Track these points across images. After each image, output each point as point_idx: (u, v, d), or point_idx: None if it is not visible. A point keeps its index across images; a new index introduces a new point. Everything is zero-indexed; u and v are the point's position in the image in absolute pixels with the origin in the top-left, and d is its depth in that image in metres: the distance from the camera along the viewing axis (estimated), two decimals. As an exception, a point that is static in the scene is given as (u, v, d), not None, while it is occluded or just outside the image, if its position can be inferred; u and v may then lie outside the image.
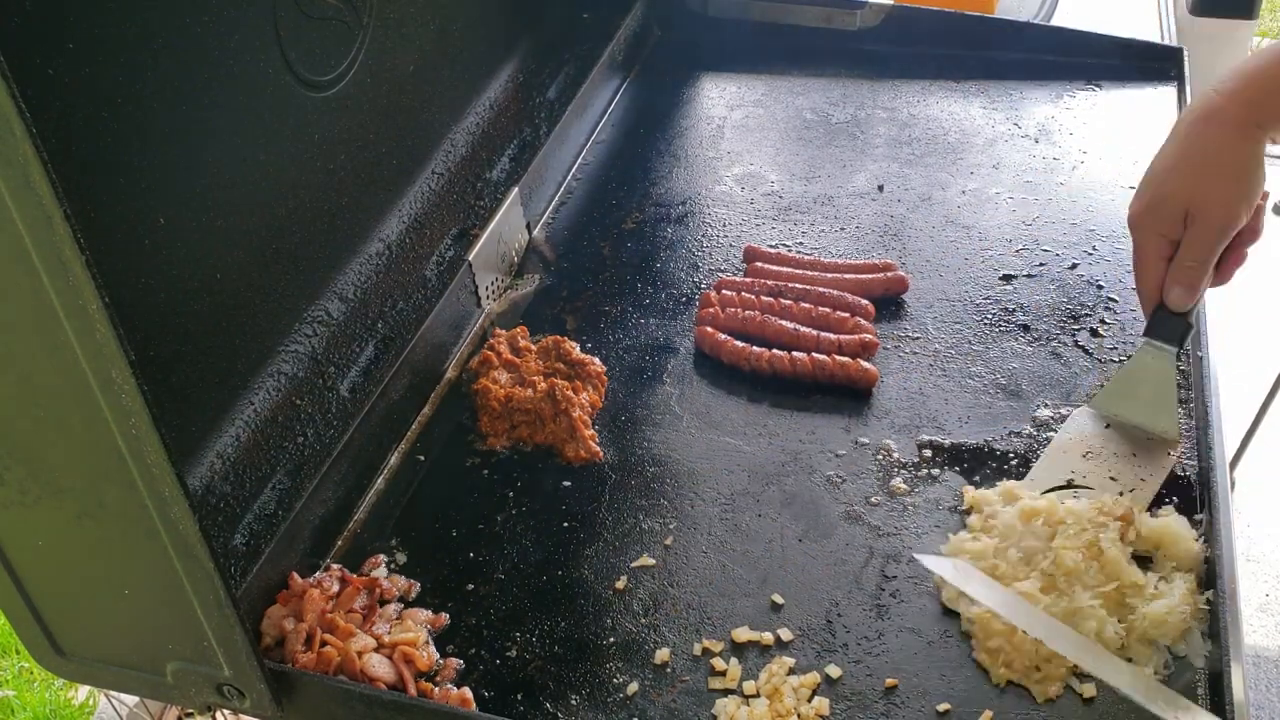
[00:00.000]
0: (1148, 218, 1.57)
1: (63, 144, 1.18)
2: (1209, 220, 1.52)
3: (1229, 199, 1.52)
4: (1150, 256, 1.59)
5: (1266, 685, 3.26)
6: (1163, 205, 1.55)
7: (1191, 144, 1.54)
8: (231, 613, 1.23)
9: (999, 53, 2.58)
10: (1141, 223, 1.59)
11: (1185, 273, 1.56)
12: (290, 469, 1.58)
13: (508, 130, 2.22)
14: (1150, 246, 1.58)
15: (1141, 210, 1.58)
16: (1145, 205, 1.58)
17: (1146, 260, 1.60)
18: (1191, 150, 1.54)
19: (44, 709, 3.09)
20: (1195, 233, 1.53)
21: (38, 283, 0.96)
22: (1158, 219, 1.56)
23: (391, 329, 1.81)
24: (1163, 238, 1.57)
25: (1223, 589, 1.41)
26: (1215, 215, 1.52)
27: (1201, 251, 1.54)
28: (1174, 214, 1.54)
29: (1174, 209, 1.54)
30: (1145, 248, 1.59)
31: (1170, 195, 1.54)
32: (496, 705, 1.44)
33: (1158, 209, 1.56)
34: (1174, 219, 1.54)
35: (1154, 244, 1.58)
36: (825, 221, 2.21)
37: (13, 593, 1.31)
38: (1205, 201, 1.52)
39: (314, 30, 1.57)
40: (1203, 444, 1.64)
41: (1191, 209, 1.52)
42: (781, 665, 1.45)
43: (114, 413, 1.05)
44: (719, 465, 1.74)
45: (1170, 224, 1.55)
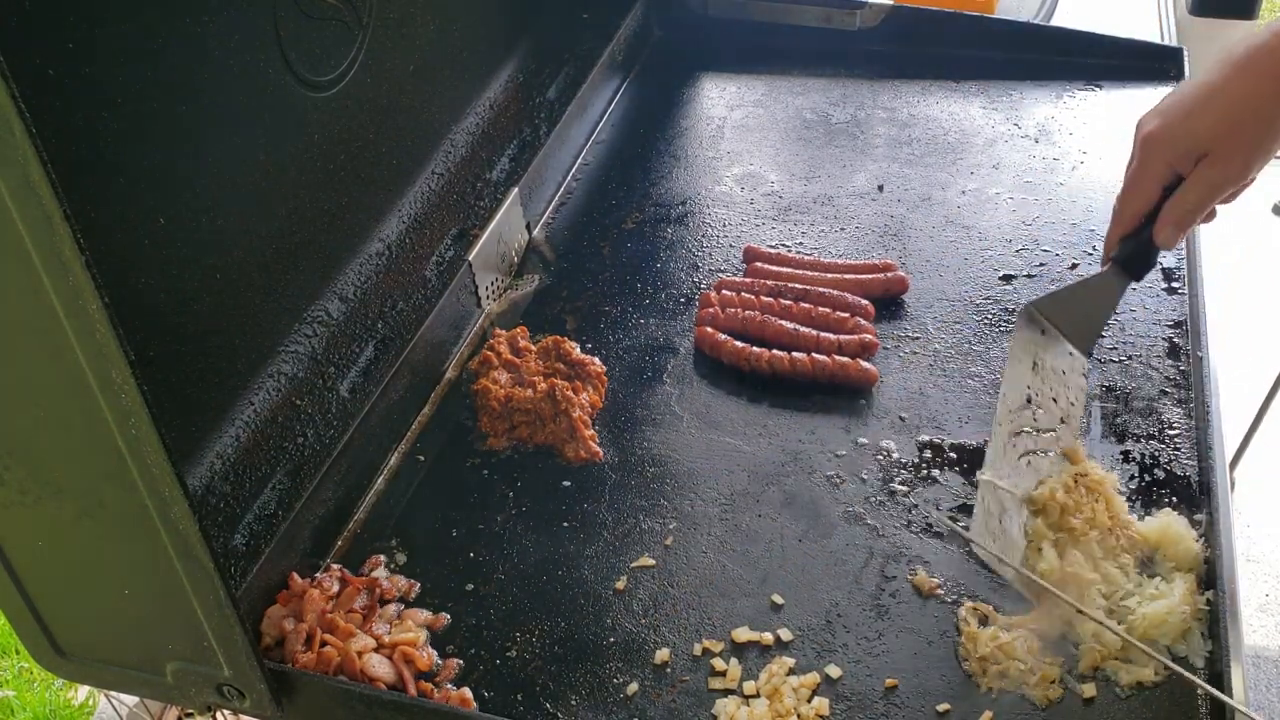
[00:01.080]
0: (1164, 144, 1.49)
1: (63, 144, 1.18)
2: (1227, 171, 1.46)
3: (1252, 156, 1.46)
4: (1151, 181, 1.51)
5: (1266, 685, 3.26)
6: (1185, 138, 1.47)
7: (1232, 84, 1.44)
8: (231, 613, 1.23)
9: (999, 53, 2.58)
10: (1156, 146, 1.50)
11: (1186, 213, 1.50)
12: (290, 469, 1.58)
13: (508, 130, 2.22)
14: (1155, 171, 1.51)
15: (1161, 134, 1.49)
16: (1167, 131, 1.49)
17: (1146, 184, 1.52)
18: (1231, 91, 1.44)
19: (44, 709, 3.09)
20: (1208, 176, 1.46)
21: (38, 283, 0.96)
22: (1174, 149, 1.48)
23: (391, 329, 1.81)
24: (1170, 168, 1.49)
25: (1223, 589, 1.41)
26: (1234, 168, 1.46)
27: (1208, 196, 1.48)
28: (1193, 150, 1.47)
29: (1195, 146, 1.46)
30: (1150, 171, 1.51)
31: (1196, 131, 1.46)
32: (496, 705, 1.44)
33: (1178, 139, 1.47)
34: (1191, 155, 1.47)
35: (1159, 171, 1.50)
36: (825, 221, 2.21)
37: (13, 593, 1.31)
38: (1230, 151, 1.45)
39: (314, 30, 1.57)
40: (1203, 444, 1.64)
41: (1213, 153, 1.45)
42: (781, 665, 1.45)
43: (114, 413, 1.05)
44: (719, 465, 1.74)
45: (1186, 158, 1.47)
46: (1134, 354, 1.84)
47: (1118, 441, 1.70)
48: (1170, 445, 1.68)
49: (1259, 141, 1.45)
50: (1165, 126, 1.49)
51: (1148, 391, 1.77)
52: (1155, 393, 1.77)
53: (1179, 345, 1.84)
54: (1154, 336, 1.87)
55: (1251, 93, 1.43)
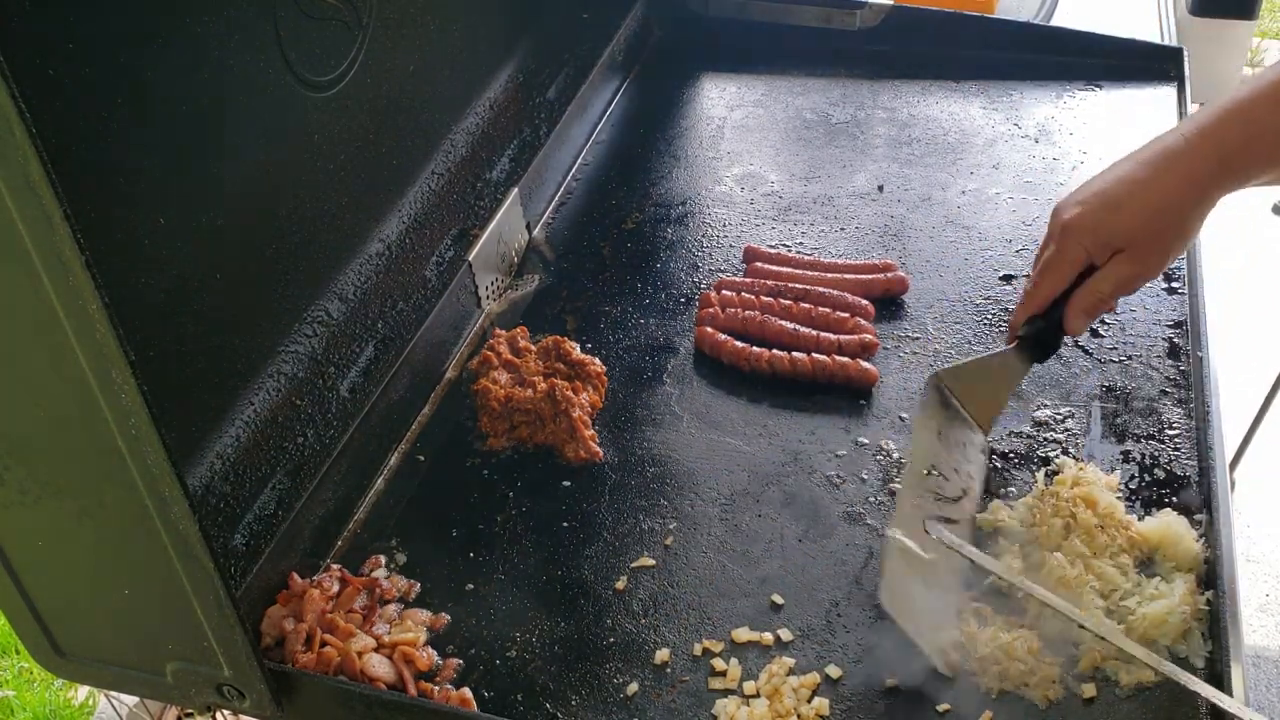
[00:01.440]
0: (1084, 234, 1.51)
1: (63, 144, 1.18)
2: (1142, 267, 1.51)
3: (1167, 256, 1.51)
4: (1067, 267, 1.54)
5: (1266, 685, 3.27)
6: (1105, 231, 1.50)
7: (1153, 184, 1.48)
8: (231, 613, 1.23)
9: (999, 53, 2.58)
10: (1076, 234, 1.52)
11: (1097, 302, 1.54)
12: (290, 469, 1.58)
13: (508, 130, 2.22)
14: (1072, 258, 1.53)
15: (1081, 223, 1.52)
16: (1088, 222, 1.52)
17: (1061, 269, 1.54)
18: (1152, 190, 1.48)
19: (44, 709, 3.09)
20: (1122, 270, 1.50)
21: (38, 283, 0.96)
22: (1094, 239, 1.51)
23: (391, 329, 1.81)
24: (1087, 257, 1.52)
25: (1223, 589, 1.41)
26: (1150, 265, 1.51)
27: (1120, 288, 1.53)
28: (1111, 244, 1.50)
29: (1113, 239, 1.50)
30: (1066, 257, 1.53)
31: (1116, 226, 1.50)
32: (496, 705, 1.44)
33: (1098, 231, 1.50)
34: (1109, 247, 1.50)
35: (1076, 258, 1.53)
36: (825, 221, 2.21)
37: (13, 593, 1.31)
38: (1146, 250, 1.50)
39: (314, 30, 1.57)
40: (1203, 444, 1.64)
41: (1131, 249, 1.49)
42: (781, 665, 1.45)
43: (114, 413, 1.05)
44: (719, 465, 1.74)
45: (1104, 250, 1.51)
46: (1134, 354, 1.84)
47: (1118, 441, 1.70)
48: (1170, 445, 1.68)
49: (1173, 242, 1.50)
50: (1086, 217, 1.52)
51: (1148, 391, 1.77)
52: (1155, 393, 1.77)
53: (1179, 345, 1.85)
54: (1154, 336, 1.87)
55: (1171, 193, 1.47)
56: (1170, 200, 1.47)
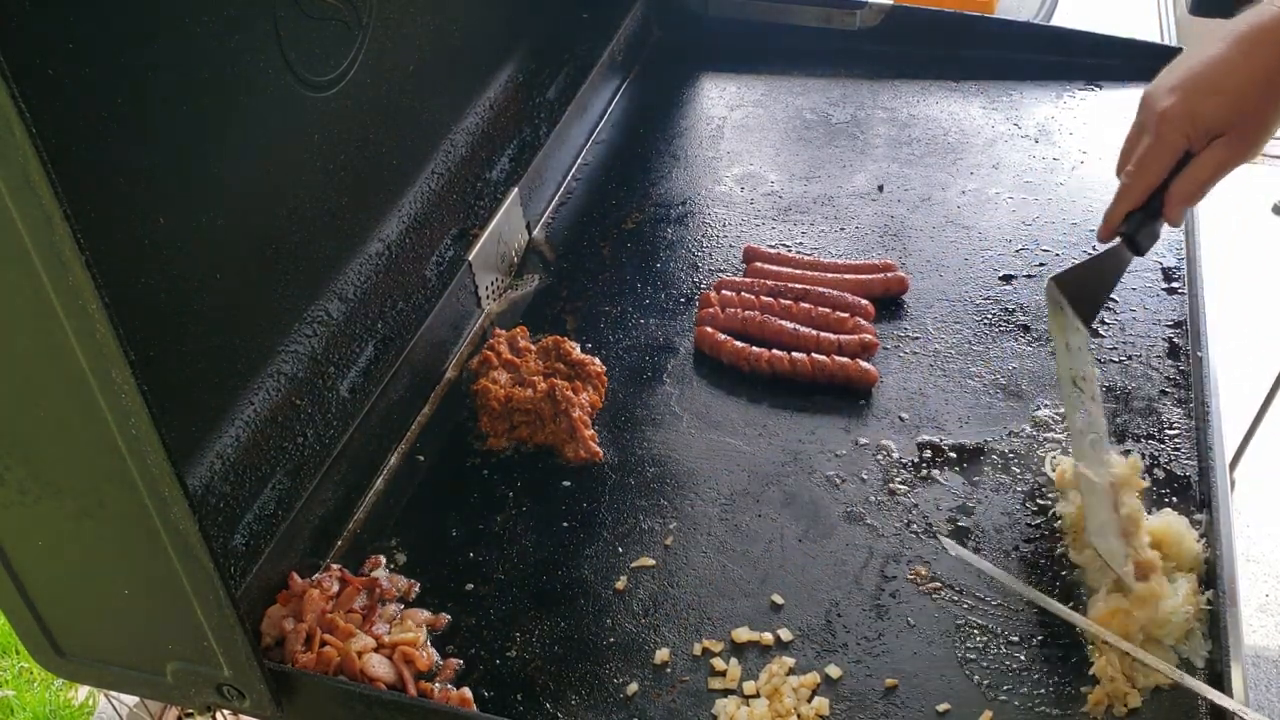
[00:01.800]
0: (1184, 121, 1.46)
1: (63, 144, 1.18)
2: (1242, 149, 1.46)
3: (1265, 135, 1.46)
4: (1168, 157, 1.49)
5: (1266, 685, 3.26)
6: (1205, 117, 1.45)
7: (1246, 61, 1.43)
8: (231, 613, 1.23)
9: (999, 53, 2.58)
10: (1176, 123, 1.46)
11: (1197, 190, 1.49)
12: (290, 469, 1.58)
13: (508, 130, 2.22)
14: (1172, 147, 1.48)
15: (1180, 111, 1.46)
16: (1187, 108, 1.45)
17: (1162, 159, 1.49)
18: (1245, 69, 1.43)
19: (44, 709, 3.08)
20: (1220, 156, 1.46)
21: (38, 283, 0.96)
22: (1194, 127, 1.45)
23: (391, 329, 1.81)
24: (1187, 145, 1.47)
25: (1223, 589, 1.41)
26: (1248, 146, 1.46)
27: (1219, 174, 1.47)
28: (1212, 129, 1.45)
29: (1214, 125, 1.45)
30: (1166, 148, 1.48)
31: (1217, 111, 1.44)
32: (496, 705, 1.44)
33: (1197, 118, 1.45)
34: (1209, 134, 1.45)
35: (1177, 147, 1.48)
36: (825, 221, 2.21)
37: (13, 593, 1.31)
38: (1246, 131, 1.45)
39: (314, 30, 1.57)
40: (1203, 444, 1.64)
41: (1230, 133, 1.44)
42: (781, 665, 1.45)
43: (114, 413, 1.05)
44: (719, 465, 1.74)
45: (1203, 137, 1.46)
46: (1134, 354, 1.84)
47: (1118, 441, 1.70)
48: (1170, 445, 1.68)
49: (1272, 120, 1.44)
50: (1184, 104, 1.46)
51: (1148, 391, 1.77)
52: (1155, 393, 1.77)
53: (1179, 345, 1.84)
54: (1154, 336, 1.87)
55: (1270, 69, 1.42)
56: (1270, 75, 1.41)
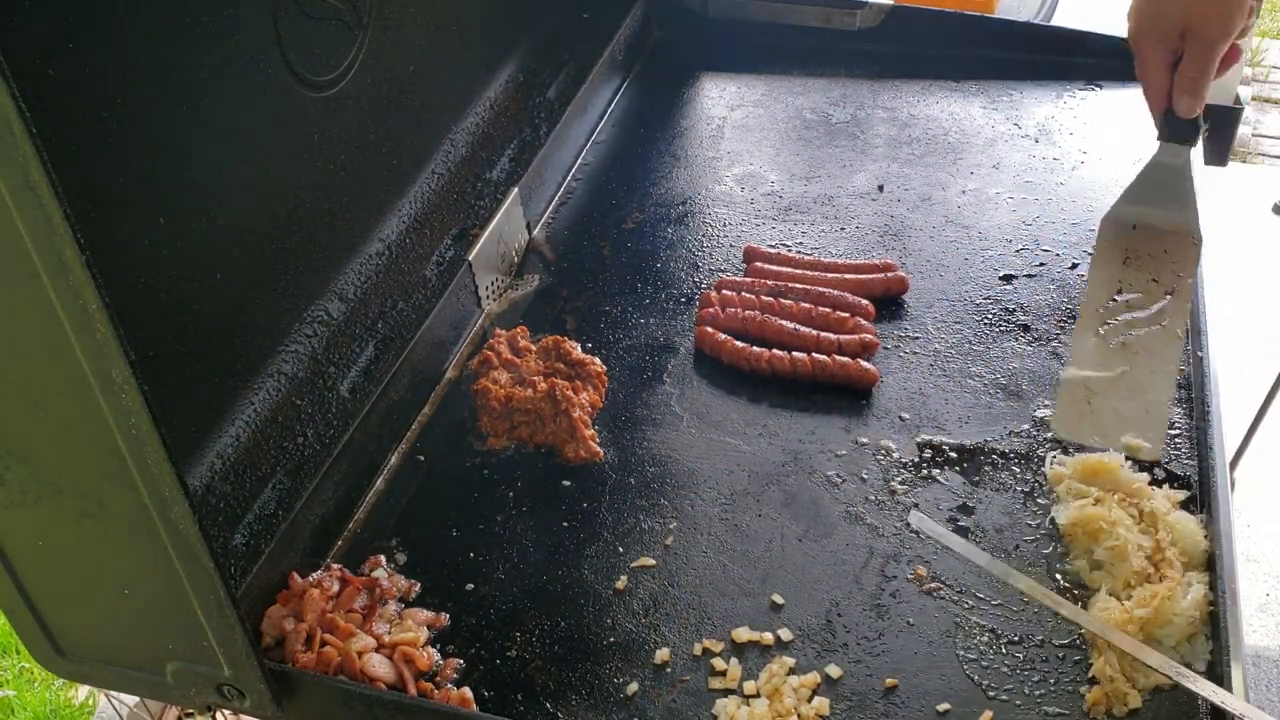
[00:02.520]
0: (1148, 33, 1.63)
1: (63, 144, 1.18)
2: (1207, 36, 1.59)
3: (1223, 15, 1.58)
4: (1154, 67, 1.65)
5: (1266, 685, 3.26)
6: (1161, 20, 1.61)
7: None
8: (231, 613, 1.23)
9: (999, 53, 2.58)
10: (1142, 38, 1.64)
11: (1190, 83, 1.63)
12: (290, 469, 1.58)
13: (508, 130, 2.22)
14: (1153, 58, 1.64)
15: (1140, 26, 1.64)
16: (1143, 24, 1.64)
17: (1151, 71, 1.65)
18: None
19: (44, 709, 3.08)
20: (1195, 46, 1.60)
21: (38, 283, 0.96)
22: (1159, 33, 1.62)
23: (391, 329, 1.81)
24: (1163, 49, 1.63)
25: (1223, 589, 1.41)
26: (1212, 29, 1.59)
27: (1203, 62, 1.61)
28: (1172, 29, 1.60)
29: (1172, 24, 1.60)
30: (1149, 60, 1.65)
31: (1167, 11, 1.60)
32: (496, 705, 1.44)
33: (1157, 24, 1.62)
34: (1173, 33, 1.61)
35: (1156, 55, 1.64)
36: (825, 221, 2.21)
37: (13, 593, 1.31)
38: (1202, 20, 1.58)
39: (314, 30, 1.57)
40: (1203, 444, 1.64)
41: (1189, 25, 1.59)
42: (781, 665, 1.45)
43: (114, 413, 1.05)
44: (719, 465, 1.74)
45: (1170, 37, 1.61)
46: (1134, 354, 1.84)
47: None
48: (1170, 445, 1.68)
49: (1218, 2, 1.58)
50: (1143, 18, 1.64)
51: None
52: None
53: (1179, 345, 1.84)
54: (1154, 336, 1.87)
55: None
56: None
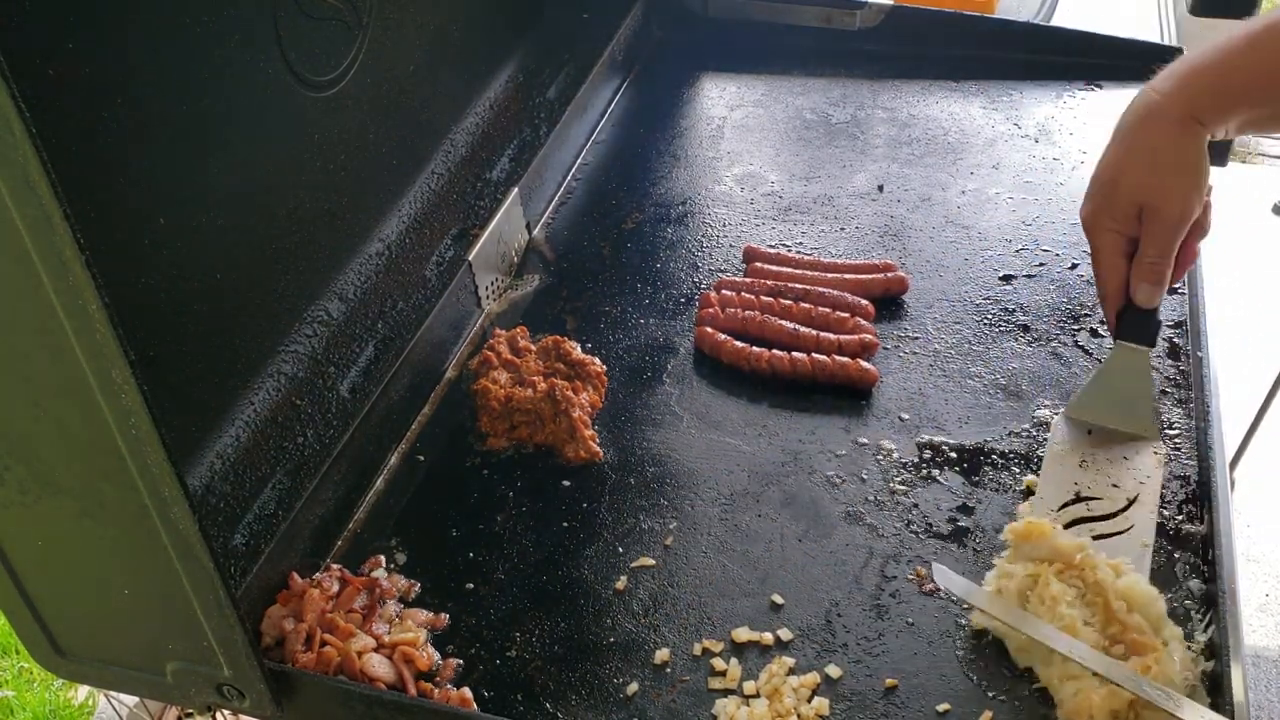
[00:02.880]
0: (1103, 217, 1.58)
1: (63, 144, 1.18)
2: (1167, 215, 1.53)
3: (1182, 193, 1.52)
4: (1110, 256, 1.59)
5: (1266, 685, 3.27)
6: (1116, 204, 1.56)
7: (1137, 142, 1.55)
8: (231, 613, 1.23)
9: (999, 53, 2.58)
10: (1097, 223, 1.59)
11: (1150, 269, 1.56)
12: (290, 469, 1.58)
13: (508, 130, 2.22)
14: (1108, 246, 1.59)
15: (1095, 211, 1.59)
16: (1098, 205, 1.59)
17: (1106, 259, 1.60)
18: (1138, 147, 1.55)
19: (44, 709, 3.09)
20: (1154, 228, 1.54)
21: (38, 283, 0.96)
22: (1113, 218, 1.57)
23: (391, 329, 1.81)
24: (1119, 236, 1.57)
25: (1223, 589, 1.41)
26: (1172, 209, 1.53)
27: (1162, 246, 1.55)
28: (1128, 211, 1.55)
29: (1128, 207, 1.55)
30: (1104, 248, 1.60)
31: (1123, 194, 1.55)
32: (496, 705, 1.44)
33: (1111, 208, 1.56)
34: (1129, 216, 1.55)
35: (1112, 242, 1.58)
36: (825, 221, 2.21)
37: (13, 593, 1.31)
38: (1160, 197, 1.53)
39: (314, 30, 1.57)
40: (1203, 444, 1.64)
41: (1146, 206, 1.53)
42: (781, 665, 1.45)
43: (114, 413, 1.05)
44: (719, 465, 1.74)
45: (1126, 221, 1.56)
46: (1134, 354, 1.84)
47: (1118, 441, 1.70)
48: (1170, 445, 1.68)
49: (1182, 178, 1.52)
50: (1096, 202, 1.59)
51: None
52: (1155, 393, 1.77)
53: (1179, 345, 1.84)
54: (1154, 336, 1.87)
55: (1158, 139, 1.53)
56: (1156, 147, 1.53)
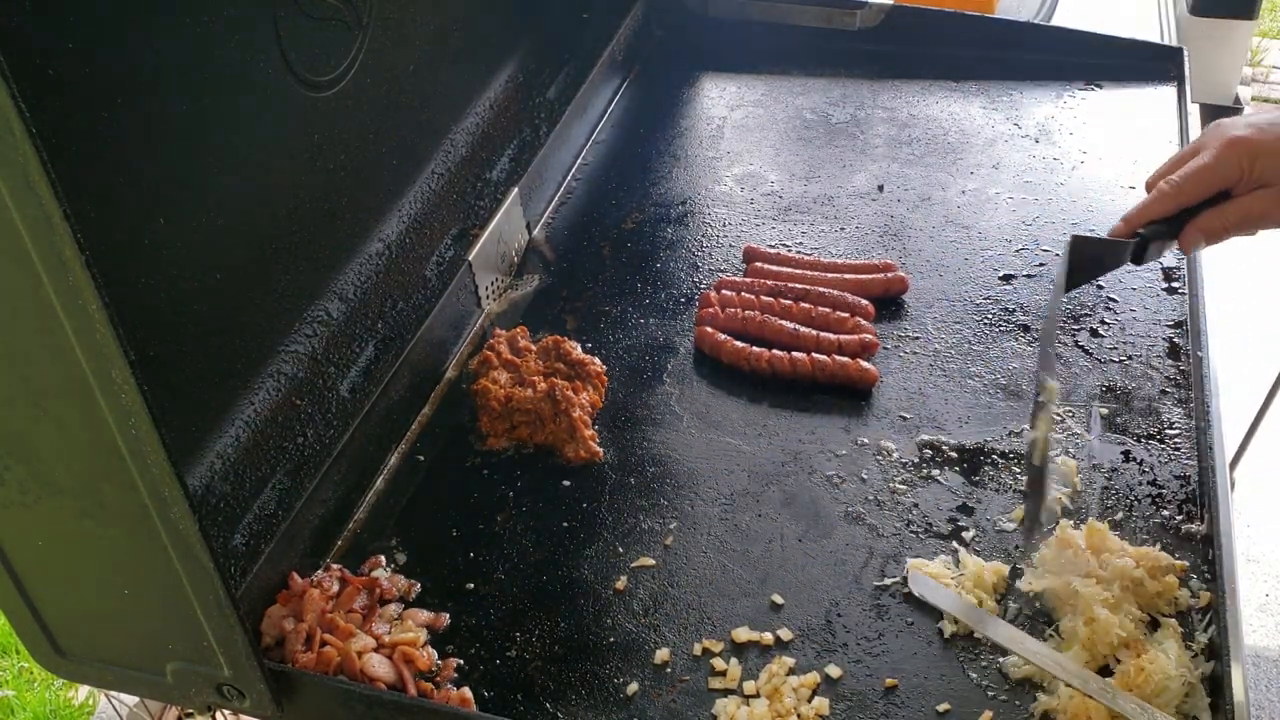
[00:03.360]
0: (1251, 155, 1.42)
1: (63, 144, 1.18)
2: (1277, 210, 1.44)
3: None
4: (1219, 180, 1.45)
5: (1266, 685, 3.27)
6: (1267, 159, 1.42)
7: None
8: (231, 613, 1.23)
9: (998, 53, 2.58)
10: (1243, 152, 1.43)
11: (1221, 228, 1.45)
12: (290, 469, 1.58)
13: (508, 130, 2.22)
14: (1227, 174, 1.44)
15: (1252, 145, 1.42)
16: (1258, 147, 1.42)
17: (1212, 180, 1.45)
18: None
19: (44, 709, 3.08)
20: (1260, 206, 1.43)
21: (38, 283, 0.96)
22: (1253, 164, 1.42)
23: (391, 329, 1.81)
24: (1240, 178, 1.44)
25: (1223, 589, 1.41)
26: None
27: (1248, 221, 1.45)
28: (1265, 175, 1.42)
29: (1269, 171, 1.42)
30: (1223, 171, 1.44)
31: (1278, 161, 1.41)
32: (496, 705, 1.44)
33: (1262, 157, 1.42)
34: (1261, 179, 1.43)
35: (1231, 175, 1.44)
36: (825, 221, 2.21)
37: (13, 593, 1.31)
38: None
39: (314, 30, 1.57)
40: (1203, 444, 1.64)
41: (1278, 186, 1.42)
42: (781, 665, 1.45)
43: (114, 413, 1.05)
44: (719, 465, 1.74)
45: (1254, 180, 1.43)
46: (1134, 354, 1.84)
47: (1118, 442, 1.70)
48: (1170, 445, 1.68)
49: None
50: (1257, 140, 1.43)
51: (1148, 391, 1.77)
52: (1155, 393, 1.77)
53: (1179, 345, 1.85)
54: (1154, 336, 1.87)
55: None
56: None
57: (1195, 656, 1.38)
